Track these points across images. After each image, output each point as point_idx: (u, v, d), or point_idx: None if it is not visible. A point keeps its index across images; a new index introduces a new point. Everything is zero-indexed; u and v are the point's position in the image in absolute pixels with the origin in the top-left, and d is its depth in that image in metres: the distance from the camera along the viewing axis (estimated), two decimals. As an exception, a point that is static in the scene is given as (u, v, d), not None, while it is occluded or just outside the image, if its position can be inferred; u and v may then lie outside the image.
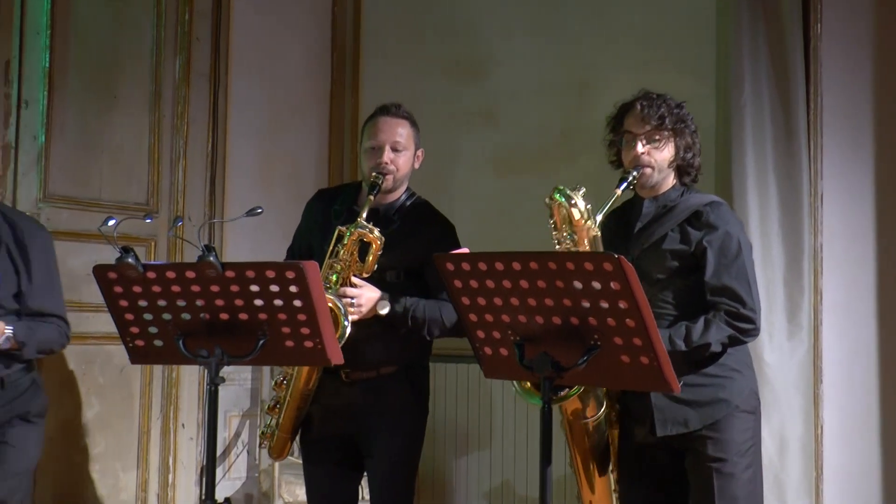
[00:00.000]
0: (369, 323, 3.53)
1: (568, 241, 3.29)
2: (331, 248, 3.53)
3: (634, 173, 3.44)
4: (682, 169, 3.53)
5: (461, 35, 5.81)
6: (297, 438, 3.82)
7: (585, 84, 5.25)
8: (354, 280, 3.52)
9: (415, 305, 3.60)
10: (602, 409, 3.44)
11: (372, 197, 3.56)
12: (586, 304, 2.69)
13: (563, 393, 3.25)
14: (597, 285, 2.63)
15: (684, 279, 3.40)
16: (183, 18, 5.62)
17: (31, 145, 4.98)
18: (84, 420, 5.12)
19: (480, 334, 2.92)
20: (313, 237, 3.82)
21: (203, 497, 2.92)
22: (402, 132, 3.71)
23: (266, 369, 5.66)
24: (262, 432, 3.86)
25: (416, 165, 3.82)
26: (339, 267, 3.50)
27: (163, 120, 5.52)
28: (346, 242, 3.49)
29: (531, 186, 5.36)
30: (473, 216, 5.35)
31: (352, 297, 3.47)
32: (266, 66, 6.02)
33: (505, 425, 5.25)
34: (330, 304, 3.32)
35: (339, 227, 3.52)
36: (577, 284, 2.66)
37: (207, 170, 5.68)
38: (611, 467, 3.60)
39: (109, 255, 4.99)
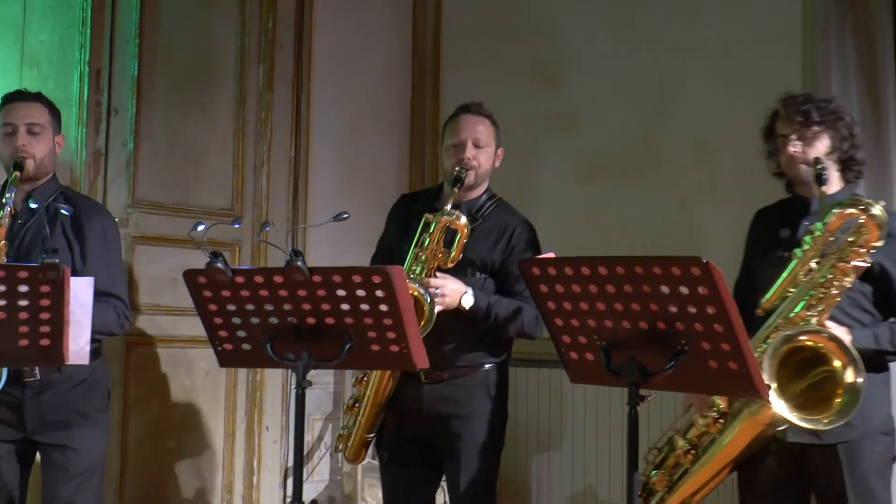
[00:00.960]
0: (449, 321, 3.54)
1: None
2: (417, 237, 3.59)
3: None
4: (844, 164, 3.45)
5: (542, 39, 5.78)
6: (374, 442, 3.84)
7: (668, 89, 5.19)
8: (437, 273, 3.54)
9: (497, 302, 3.61)
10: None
11: (456, 190, 3.61)
12: (673, 309, 2.66)
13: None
14: (684, 290, 2.61)
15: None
16: (266, 26, 5.70)
17: (120, 152, 5.09)
18: (171, 422, 5.21)
19: (566, 339, 2.91)
20: (395, 240, 3.87)
21: (291, 499, 2.94)
22: (483, 129, 3.77)
23: (348, 373, 5.70)
24: (340, 434, 3.88)
25: (497, 164, 3.86)
26: (423, 256, 3.55)
27: (247, 126, 5.60)
28: (432, 231, 3.56)
29: (614, 192, 5.34)
30: (555, 222, 5.33)
31: (436, 287, 3.50)
32: (348, 72, 6.07)
33: (587, 429, 5.22)
34: (415, 294, 3.40)
35: (427, 214, 3.58)
36: (665, 289, 2.64)
37: (290, 175, 5.75)
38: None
39: (196, 259, 5.10)
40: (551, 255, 3.28)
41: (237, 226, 5.27)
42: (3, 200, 3.38)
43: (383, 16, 6.27)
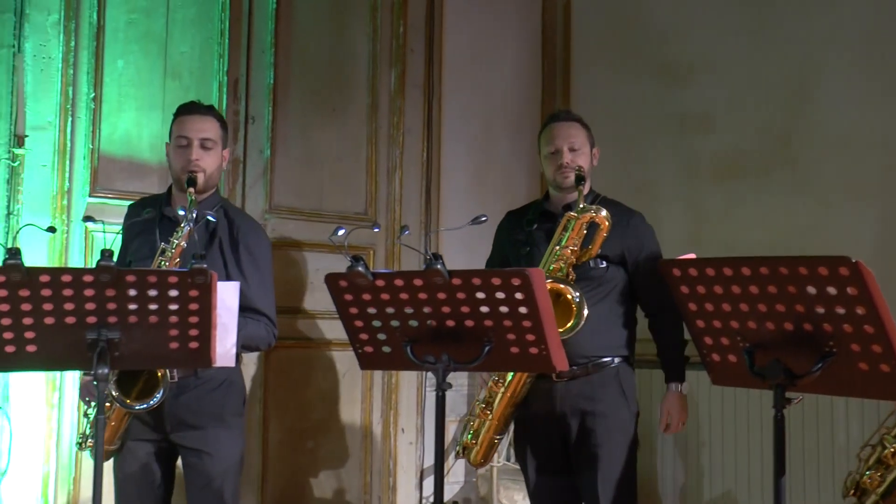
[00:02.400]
0: None
1: None
2: (556, 236, 3.66)
3: None
4: None
5: (672, 38, 5.71)
6: (505, 445, 3.85)
7: (805, 84, 5.07)
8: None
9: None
10: None
11: (581, 188, 3.70)
12: (820, 310, 2.59)
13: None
14: (832, 290, 2.54)
15: None
16: (397, 31, 5.76)
17: (257, 159, 5.21)
18: (309, 424, 5.30)
19: (708, 341, 2.87)
20: (509, 252, 3.96)
21: (433, 501, 2.96)
22: (575, 133, 3.87)
23: (484, 375, 5.71)
24: (467, 440, 3.87)
25: (595, 163, 3.94)
26: (563, 254, 3.61)
27: (379, 131, 5.68)
28: (573, 227, 3.63)
29: (749, 191, 5.24)
30: (688, 223, 5.27)
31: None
32: (478, 76, 6.10)
33: (724, 433, 5.13)
34: (568, 296, 3.52)
35: (568, 213, 3.65)
36: (811, 290, 2.58)
37: (422, 179, 5.80)
38: None
39: (333, 263, 5.18)
40: (692, 256, 3.25)
41: (377, 230, 5.34)
42: (182, 222, 3.44)
43: (512, 18, 6.28)
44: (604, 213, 3.62)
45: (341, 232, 2.97)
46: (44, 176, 4.61)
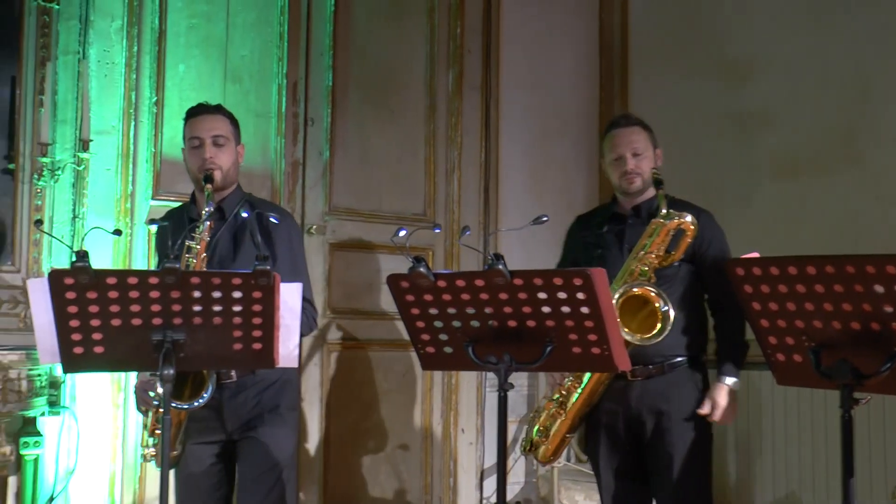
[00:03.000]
0: None
1: None
2: (641, 241, 3.63)
3: None
4: None
5: (732, 35, 5.65)
6: (584, 447, 3.83)
7: (872, 81, 4.99)
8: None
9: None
10: None
11: (661, 191, 3.66)
12: (889, 309, 2.55)
13: None
14: (901, 289, 2.50)
15: None
16: (455, 32, 5.77)
17: (316, 161, 5.25)
18: (370, 424, 5.33)
19: (772, 340, 2.83)
20: (580, 255, 3.92)
21: (496, 501, 2.96)
22: (637, 138, 3.84)
23: (541, 375, 5.70)
24: (534, 436, 3.85)
25: (659, 163, 3.89)
26: (648, 260, 3.58)
27: (437, 132, 5.69)
28: (659, 233, 3.59)
29: (812, 190, 5.17)
30: (748, 221, 5.20)
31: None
32: (535, 76, 6.09)
33: (788, 433, 5.07)
34: (657, 304, 3.48)
35: (654, 219, 3.62)
36: (879, 289, 2.53)
37: (481, 179, 5.80)
38: None
39: (391, 264, 5.22)
40: (756, 254, 3.21)
41: (437, 231, 5.37)
42: (203, 216, 3.48)
43: (570, 19, 6.26)
44: (689, 218, 3.58)
45: (403, 233, 2.97)
46: (108, 179, 4.69)
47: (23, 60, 4.56)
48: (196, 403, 3.35)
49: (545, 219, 3.25)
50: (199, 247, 3.45)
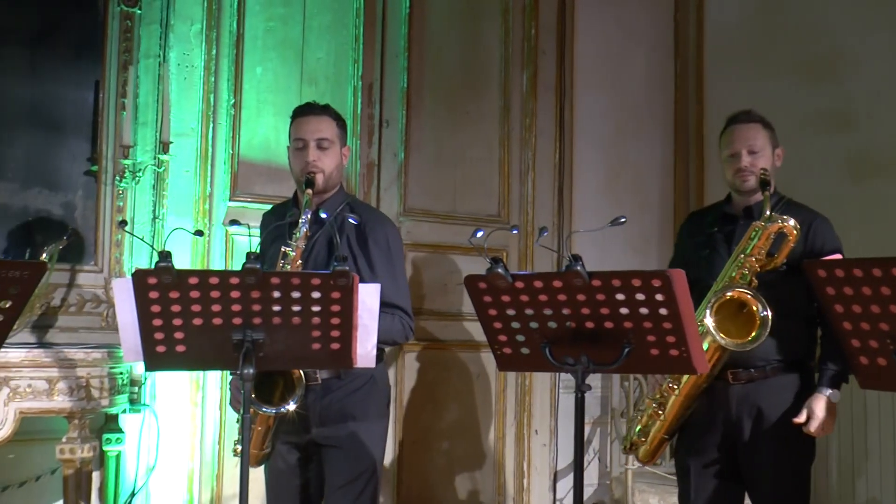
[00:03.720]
0: None
1: None
2: (741, 244, 3.57)
3: None
4: None
5: (812, 34, 5.57)
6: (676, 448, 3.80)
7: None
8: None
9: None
10: None
11: (768, 194, 3.58)
12: (977, 311, 2.50)
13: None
14: None
15: None
16: (529, 33, 5.76)
17: (391, 162, 5.27)
18: (443, 425, 5.34)
19: (855, 343, 2.78)
20: (689, 255, 3.86)
21: (573, 502, 2.95)
22: (755, 135, 3.74)
23: (615, 377, 5.68)
24: (634, 436, 3.82)
25: (778, 164, 3.80)
26: (749, 263, 3.52)
27: (511, 133, 5.69)
28: (759, 236, 3.52)
29: (893, 190, 5.08)
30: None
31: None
32: (610, 76, 6.06)
33: (882, 439, 4.97)
34: (755, 307, 3.43)
35: (755, 222, 3.55)
36: (966, 291, 2.49)
37: (555, 180, 5.79)
38: None
39: (466, 265, 5.23)
40: (838, 256, 3.17)
41: (515, 232, 5.38)
42: (300, 222, 3.49)
43: (644, 18, 6.22)
44: (791, 222, 3.50)
45: (480, 234, 2.96)
46: (186, 181, 4.76)
47: (106, 64, 4.65)
48: (283, 409, 3.37)
49: (623, 220, 3.21)
50: (294, 254, 3.46)
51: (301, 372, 3.41)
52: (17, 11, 4.61)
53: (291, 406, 3.38)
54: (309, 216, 3.50)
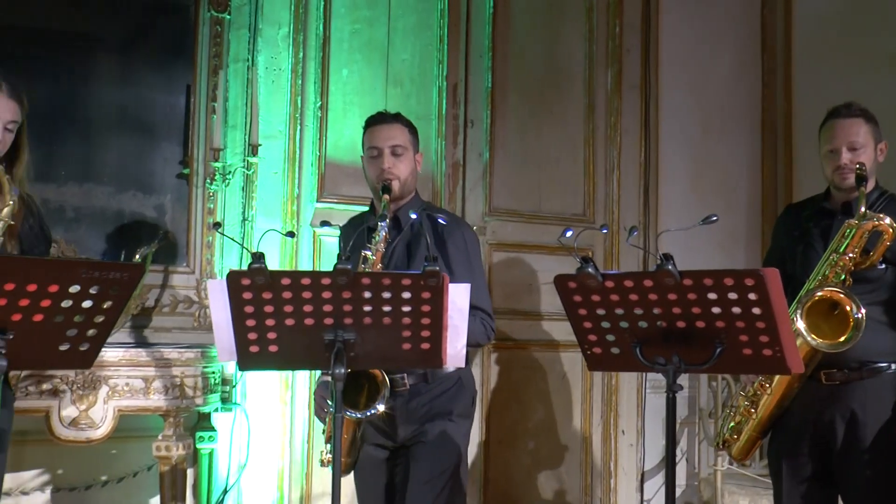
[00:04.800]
0: None
1: None
2: (834, 242, 3.50)
3: None
4: None
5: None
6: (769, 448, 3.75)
7: None
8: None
9: None
10: None
11: (863, 189, 3.47)
12: None
13: None
14: None
15: None
16: (613, 31, 5.73)
17: (476, 162, 5.29)
18: (529, 424, 5.34)
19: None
20: (786, 248, 3.80)
21: (665, 502, 2.93)
22: (856, 130, 3.62)
23: (703, 377, 5.62)
24: (727, 434, 3.78)
25: (881, 158, 3.70)
26: (843, 262, 3.45)
27: (596, 132, 5.66)
28: (853, 235, 3.45)
29: None
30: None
31: None
32: (696, 73, 6.00)
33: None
34: (848, 308, 3.36)
35: (848, 220, 3.47)
36: None
37: (640, 179, 5.74)
38: None
39: (552, 264, 5.22)
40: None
41: (605, 231, 5.37)
42: (379, 227, 3.52)
43: (731, 13, 6.15)
44: (887, 220, 3.40)
45: (569, 233, 2.96)
46: (275, 182, 4.83)
47: (197, 69, 4.74)
48: (369, 413, 3.40)
49: (715, 218, 3.17)
50: (374, 258, 3.49)
51: (384, 374, 3.44)
52: (110, 19, 4.73)
53: (381, 408, 3.41)
54: (387, 222, 3.53)
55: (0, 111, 3.14)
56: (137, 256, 4.41)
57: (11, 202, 3.06)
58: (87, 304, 2.65)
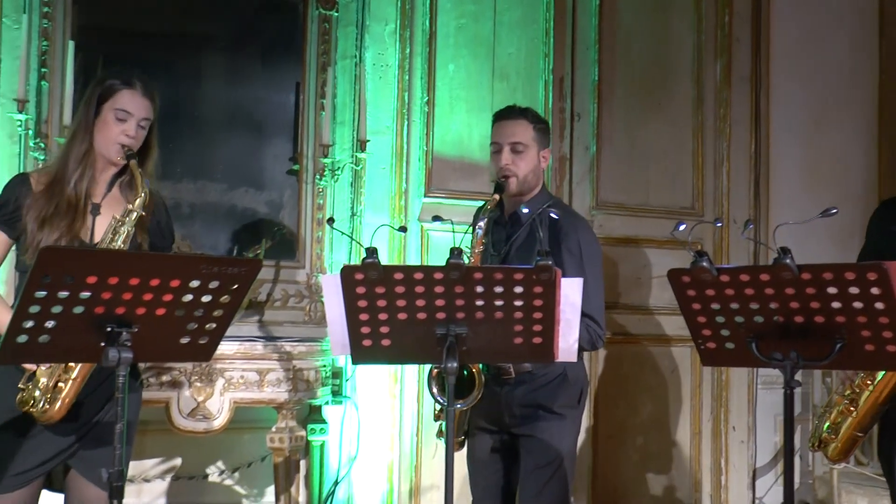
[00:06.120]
0: None
1: None
2: None
3: None
4: None
5: None
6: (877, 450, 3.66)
7: None
8: None
9: None
10: None
11: None
12: None
13: None
14: None
15: None
16: (722, 21, 5.64)
17: (583, 156, 5.26)
18: (638, 419, 5.29)
19: None
20: (882, 244, 3.73)
21: (783, 502, 2.87)
22: None
23: (816, 373, 5.51)
24: (822, 433, 3.72)
25: None
26: None
27: (705, 124, 5.58)
28: None
29: None
30: None
31: None
32: (808, 64, 5.87)
33: None
34: None
35: None
36: None
37: (751, 171, 5.65)
38: None
39: (660, 258, 5.17)
40: None
41: (719, 224, 5.31)
42: (476, 228, 3.53)
43: (845, 1, 5.98)
44: None
45: (682, 227, 2.92)
46: (383, 178, 4.86)
47: (305, 66, 4.81)
48: (460, 405, 3.42)
49: (835, 211, 3.08)
50: (472, 261, 3.49)
51: (479, 373, 3.44)
52: (219, 19, 4.82)
53: (468, 404, 3.43)
54: (484, 222, 3.53)
55: (135, 109, 3.22)
56: (260, 251, 4.50)
57: (143, 194, 3.15)
58: (206, 298, 2.70)
